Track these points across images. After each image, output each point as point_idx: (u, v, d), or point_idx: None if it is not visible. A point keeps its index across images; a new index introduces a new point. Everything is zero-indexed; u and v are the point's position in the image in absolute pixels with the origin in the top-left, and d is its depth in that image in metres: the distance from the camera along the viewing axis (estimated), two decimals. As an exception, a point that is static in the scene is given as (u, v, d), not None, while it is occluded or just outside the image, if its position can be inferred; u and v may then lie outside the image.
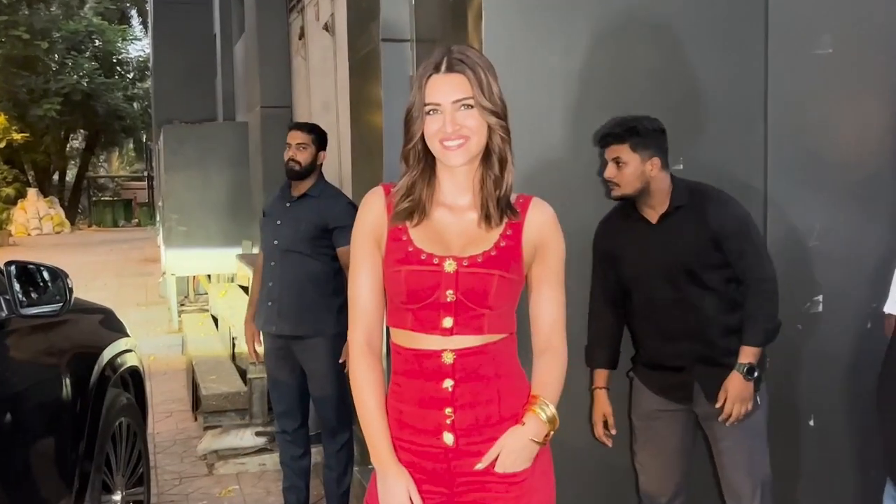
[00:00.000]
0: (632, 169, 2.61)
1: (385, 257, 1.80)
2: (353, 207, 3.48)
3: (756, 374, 2.59)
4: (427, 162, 1.79)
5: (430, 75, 1.74)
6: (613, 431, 2.76)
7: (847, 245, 3.11)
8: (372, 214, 1.82)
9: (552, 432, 1.79)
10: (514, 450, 1.75)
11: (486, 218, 1.77)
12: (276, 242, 3.63)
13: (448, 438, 1.76)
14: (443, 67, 1.73)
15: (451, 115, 1.72)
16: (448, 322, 1.74)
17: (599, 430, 2.77)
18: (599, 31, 2.90)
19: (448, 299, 1.74)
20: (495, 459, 1.76)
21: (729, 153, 3.02)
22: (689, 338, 2.65)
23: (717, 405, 2.60)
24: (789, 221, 3.07)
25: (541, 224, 1.81)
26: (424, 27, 3.77)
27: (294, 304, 3.56)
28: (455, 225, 1.79)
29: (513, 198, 1.81)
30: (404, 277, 1.75)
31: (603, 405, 2.76)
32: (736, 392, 2.58)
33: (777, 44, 3.02)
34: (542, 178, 2.85)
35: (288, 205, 3.67)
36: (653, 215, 2.68)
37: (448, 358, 1.75)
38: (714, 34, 2.99)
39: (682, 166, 2.95)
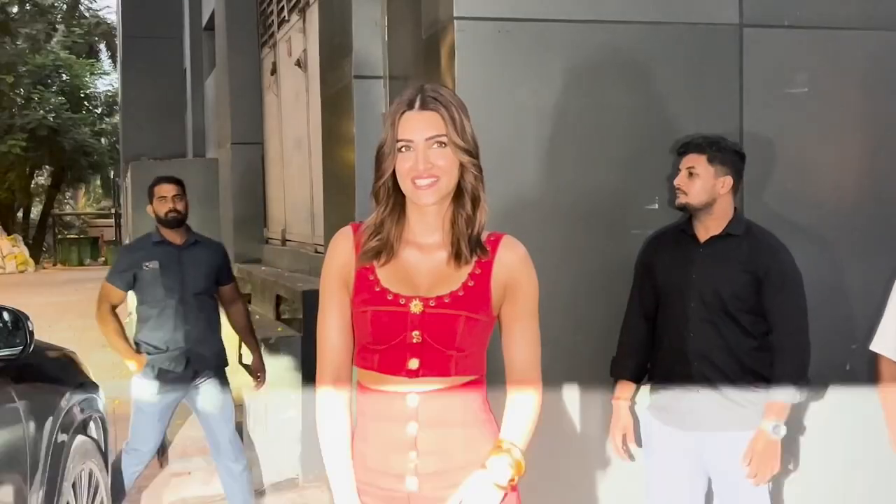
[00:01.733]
0: (703, 181, 2.65)
1: (353, 297, 1.80)
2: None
3: (783, 432, 2.56)
4: (397, 199, 1.79)
5: (404, 112, 1.74)
6: (634, 445, 2.78)
7: (824, 283, 3.14)
8: (340, 256, 1.82)
9: (517, 477, 1.76)
10: (477, 495, 1.72)
11: (457, 256, 1.77)
12: (182, 286, 3.84)
13: (411, 483, 1.75)
14: (416, 104, 1.74)
15: (424, 152, 1.72)
16: (414, 364, 1.74)
17: (618, 444, 2.78)
18: (572, 69, 2.94)
19: (414, 340, 1.74)
20: None
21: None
22: (703, 359, 2.66)
23: (745, 464, 2.57)
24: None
25: (510, 263, 1.80)
26: (397, 64, 3.81)
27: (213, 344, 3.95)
28: (423, 264, 1.79)
29: (484, 235, 1.81)
30: (370, 318, 1.75)
31: (623, 418, 2.78)
32: (762, 453, 2.55)
33: (752, 82, 3.08)
34: (512, 214, 2.87)
35: (177, 252, 3.96)
36: (703, 234, 2.70)
37: (412, 401, 1.74)
38: (688, 72, 3.05)
39: (657, 206, 2.99)
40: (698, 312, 2.66)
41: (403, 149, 1.73)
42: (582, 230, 2.97)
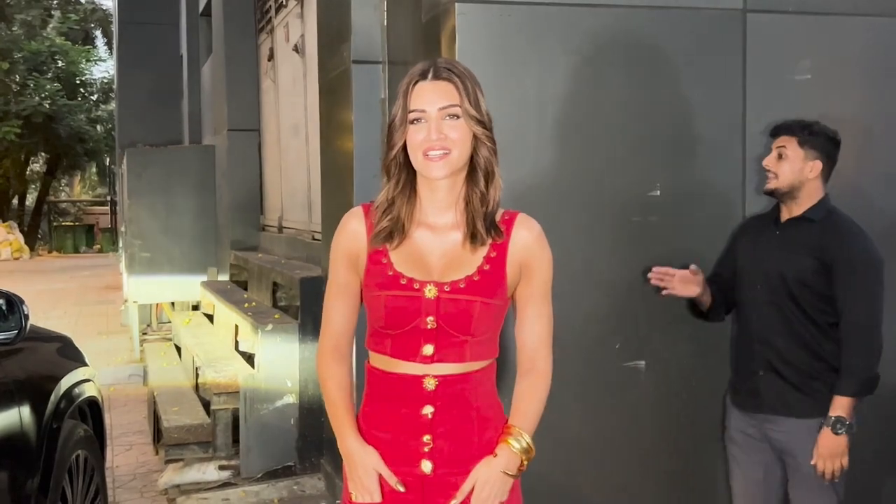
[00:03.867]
0: (792, 163, 2.63)
1: (364, 279, 1.78)
2: None
3: (846, 428, 2.54)
4: (408, 176, 1.76)
5: (417, 82, 1.72)
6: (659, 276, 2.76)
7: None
8: (350, 236, 1.80)
9: (527, 462, 1.77)
10: (489, 482, 1.73)
11: (472, 237, 1.74)
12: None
13: (426, 466, 1.74)
14: (430, 75, 1.72)
15: (437, 122, 1.69)
16: (429, 350, 1.73)
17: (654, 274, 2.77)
18: (574, 54, 2.93)
19: (428, 326, 1.72)
20: (470, 493, 1.73)
21: (707, 179, 3.05)
22: (765, 342, 2.67)
23: (812, 462, 2.57)
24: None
25: (526, 243, 1.78)
26: (396, 49, 3.79)
27: None
28: (437, 246, 1.76)
29: (498, 215, 1.78)
30: (384, 303, 1.73)
31: (681, 271, 2.74)
32: (826, 449, 2.54)
33: (755, 69, 3.07)
34: (513, 198, 2.84)
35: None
36: (785, 215, 2.70)
37: (430, 384, 1.73)
38: (691, 57, 3.04)
39: (658, 192, 2.98)
40: (763, 295, 2.68)
41: (415, 120, 1.71)
42: (584, 218, 2.96)
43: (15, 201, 34.46)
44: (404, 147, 1.72)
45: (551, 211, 2.91)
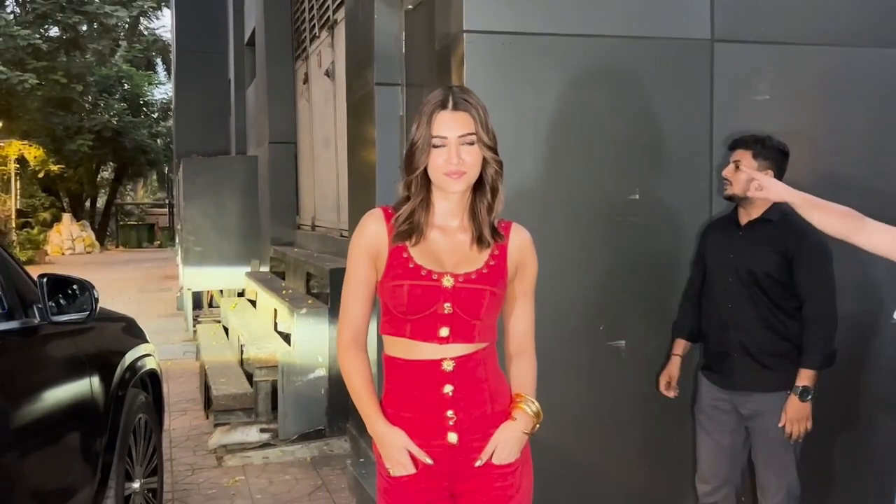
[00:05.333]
0: (746, 174, 2.60)
1: (385, 272, 1.76)
2: None
3: (811, 396, 2.54)
4: (427, 189, 1.76)
5: (439, 111, 1.71)
6: (674, 392, 2.83)
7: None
8: (370, 234, 1.78)
9: (538, 424, 1.79)
10: (509, 443, 1.75)
11: (479, 240, 1.76)
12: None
13: (452, 438, 1.74)
14: (449, 105, 1.71)
15: (456, 148, 1.69)
16: (445, 332, 1.72)
17: (663, 385, 2.84)
18: (565, 77, 2.91)
19: (446, 311, 1.72)
20: (493, 453, 1.75)
21: (679, 185, 3.03)
22: (739, 328, 2.66)
23: (780, 425, 2.57)
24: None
25: (521, 246, 1.81)
26: (414, 73, 3.77)
27: None
28: (447, 244, 1.77)
29: (496, 222, 1.80)
30: (407, 291, 1.72)
31: (672, 369, 2.84)
32: (794, 413, 2.55)
33: (721, 90, 3.04)
34: (513, 205, 2.82)
35: None
36: (744, 220, 2.69)
37: (448, 366, 1.73)
38: (665, 80, 3.01)
39: (637, 196, 2.96)
40: (735, 287, 2.66)
41: (438, 146, 1.70)
42: (574, 218, 2.94)
43: (87, 203, 34.57)
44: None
45: (545, 211, 2.90)
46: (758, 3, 3.09)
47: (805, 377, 2.54)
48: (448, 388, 1.72)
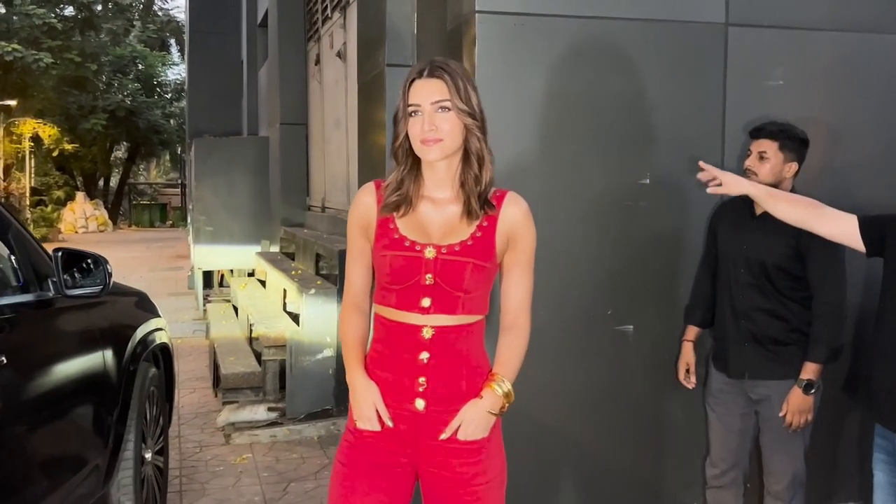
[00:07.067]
0: (772, 165, 2.59)
1: (374, 243, 1.78)
2: None
3: (814, 389, 2.53)
4: (413, 159, 1.75)
5: (414, 80, 1.71)
6: (693, 379, 2.81)
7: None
8: (362, 207, 1.80)
9: (507, 405, 1.76)
10: (473, 420, 1.72)
11: (468, 212, 1.74)
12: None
13: (419, 404, 1.73)
14: (425, 73, 1.71)
15: (430, 115, 1.68)
16: (426, 302, 1.71)
17: (682, 374, 2.83)
18: (576, 58, 2.88)
19: (427, 282, 1.71)
20: (458, 429, 1.73)
21: (690, 171, 2.98)
22: (748, 317, 2.64)
23: (781, 414, 2.57)
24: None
25: (513, 217, 1.76)
26: (425, 53, 3.75)
27: None
28: (436, 216, 1.76)
29: (491, 192, 1.77)
30: (389, 261, 1.73)
31: (687, 355, 2.82)
32: (796, 405, 2.54)
33: (734, 75, 3.01)
34: (523, 181, 2.82)
35: None
36: (759, 209, 2.63)
37: (427, 333, 1.72)
38: (678, 64, 2.98)
39: (648, 181, 2.94)
40: (745, 277, 2.64)
41: (413, 113, 1.70)
42: (583, 201, 2.93)
43: (101, 182, 34.73)
44: (407, 135, 1.72)
45: (553, 193, 2.89)
46: (773, -13, 3.06)
47: (810, 370, 2.53)
48: (424, 355, 1.72)
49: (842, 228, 2.17)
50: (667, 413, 3.02)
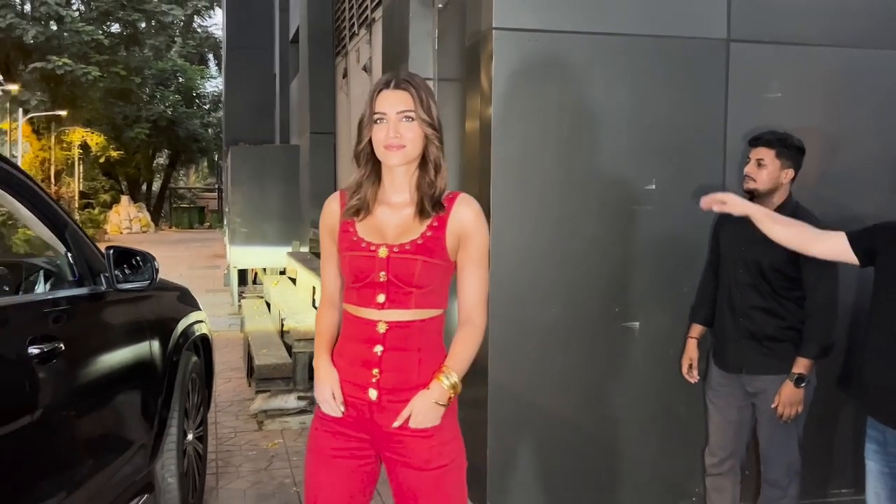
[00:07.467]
0: (769, 171, 2.60)
1: (338, 245, 1.81)
2: None
3: (805, 383, 2.54)
4: (374, 164, 1.78)
5: (381, 90, 1.74)
6: (695, 374, 2.84)
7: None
8: (329, 214, 1.84)
9: (454, 396, 1.76)
10: (422, 410, 1.73)
11: (420, 213, 1.75)
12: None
13: (372, 394, 1.75)
14: (392, 84, 1.73)
15: (395, 124, 1.71)
16: (381, 298, 1.74)
17: (685, 369, 2.85)
18: (586, 72, 2.91)
19: (381, 279, 1.73)
20: (409, 418, 1.74)
21: (693, 176, 3.02)
22: (745, 316, 2.65)
23: (773, 406, 2.58)
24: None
25: (463, 217, 1.76)
26: (445, 68, 3.79)
27: None
28: (392, 218, 1.78)
29: (445, 194, 1.78)
30: (348, 261, 1.77)
31: (691, 352, 2.84)
32: (787, 398, 2.55)
33: (735, 87, 3.02)
34: (535, 191, 2.86)
35: None
36: None
37: (381, 328, 1.74)
38: (683, 78, 2.99)
39: (654, 186, 2.96)
40: (744, 278, 2.65)
41: (378, 120, 1.73)
42: (593, 206, 2.94)
43: (144, 187, 35.11)
44: (370, 141, 1.75)
45: (566, 199, 2.91)
46: (773, 4, 3.06)
47: (801, 365, 2.53)
48: (378, 349, 1.74)
49: (834, 247, 2.20)
50: (669, 405, 3.03)
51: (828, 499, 3.16)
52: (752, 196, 2.68)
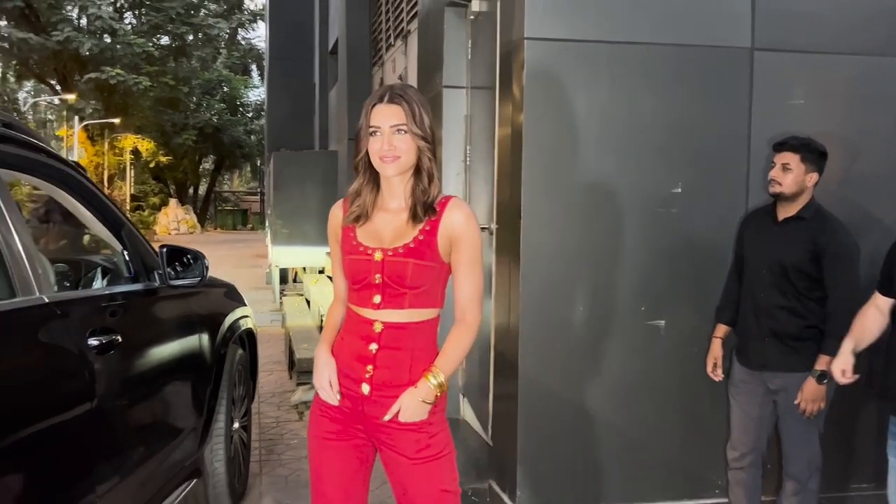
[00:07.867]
0: (794, 175, 2.57)
1: (341, 249, 1.85)
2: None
3: (827, 379, 2.49)
4: (372, 173, 1.80)
5: (375, 104, 1.75)
6: (720, 372, 2.80)
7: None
8: (333, 220, 1.88)
9: (440, 393, 1.77)
10: (409, 407, 1.75)
11: (413, 217, 1.77)
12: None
13: (365, 388, 1.78)
14: (385, 99, 1.74)
15: (388, 136, 1.73)
16: (377, 298, 1.76)
17: (710, 368, 2.82)
18: (614, 80, 2.88)
19: (377, 281, 1.76)
20: (398, 412, 1.77)
21: (717, 179, 2.98)
22: (768, 315, 2.62)
23: (796, 402, 2.54)
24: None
25: (453, 220, 1.76)
26: (478, 77, 3.79)
27: None
28: (389, 224, 1.80)
29: (438, 200, 1.79)
30: (348, 264, 1.80)
31: (716, 351, 2.81)
32: (809, 394, 2.51)
33: (759, 95, 2.97)
34: (564, 189, 2.84)
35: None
36: (781, 215, 2.63)
37: (377, 327, 1.77)
38: (708, 86, 2.95)
39: (680, 189, 2.93)
40: (767, 278, 2.62)
41: (373, 133, 1.74)
42: (621, 208, 2.91)
43: (191, 190, 35.65)
44: (367, 151, 1.77)
45: (595, 203, 2.89)
46: (796, 15, 3.00)
47: (823, 362, 2.48)
48: (373, 346, 1.77)
49: (879, 306, 2.27)
50: (693, 400, 2.99)
51: (849, 493, 3.09)
52: (777, 199, 2.64)
